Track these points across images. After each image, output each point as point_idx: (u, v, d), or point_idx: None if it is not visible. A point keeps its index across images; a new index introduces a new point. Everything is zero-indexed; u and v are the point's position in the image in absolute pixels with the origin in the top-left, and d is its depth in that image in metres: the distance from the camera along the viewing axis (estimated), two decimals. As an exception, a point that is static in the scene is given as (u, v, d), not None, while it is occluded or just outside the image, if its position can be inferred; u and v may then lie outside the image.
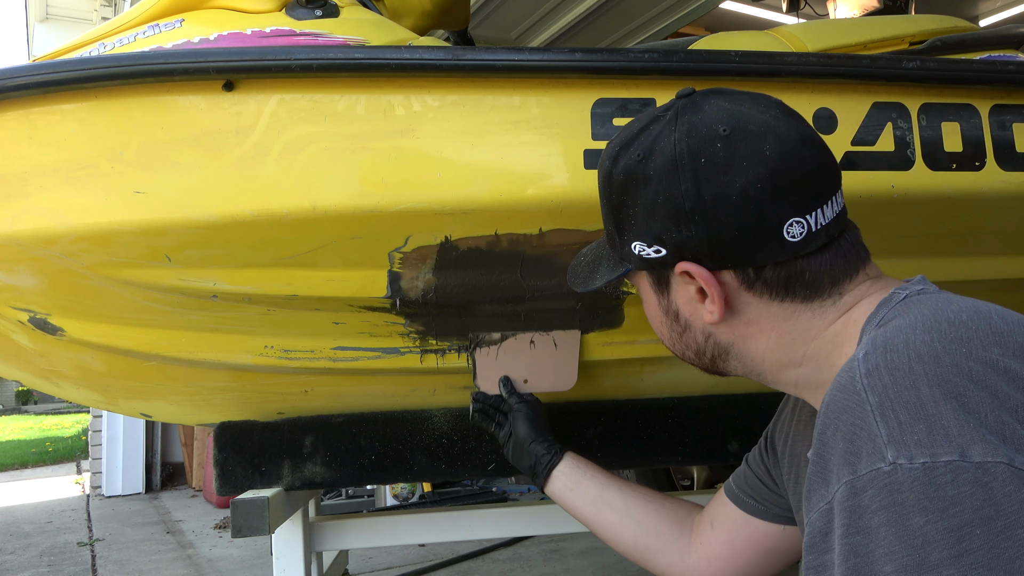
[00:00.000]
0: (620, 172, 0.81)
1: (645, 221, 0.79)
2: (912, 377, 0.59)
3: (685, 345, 0.87)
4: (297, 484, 1.63)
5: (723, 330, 0.82)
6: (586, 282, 0.93)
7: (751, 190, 0.74)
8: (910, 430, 0.57)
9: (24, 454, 9.02)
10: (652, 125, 0.80)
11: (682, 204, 0.76)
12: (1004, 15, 6.53)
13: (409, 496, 4.28)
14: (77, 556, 3.76)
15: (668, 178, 0.76)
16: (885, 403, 0.59)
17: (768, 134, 0.75)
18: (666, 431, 1.67)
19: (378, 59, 1.12)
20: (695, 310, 0.82)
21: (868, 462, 0.58)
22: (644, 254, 0.81)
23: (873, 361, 0.62)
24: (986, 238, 1.34)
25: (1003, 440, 0.56)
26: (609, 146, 0.85)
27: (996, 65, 1.27)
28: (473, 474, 1.69)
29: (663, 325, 0.88)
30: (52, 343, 1.43)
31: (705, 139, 0.76)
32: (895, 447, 0.57)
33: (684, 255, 0.78)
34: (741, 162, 0.74)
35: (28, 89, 1.12)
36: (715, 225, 0.75)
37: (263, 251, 1.18)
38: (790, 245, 0.75)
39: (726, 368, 0.86)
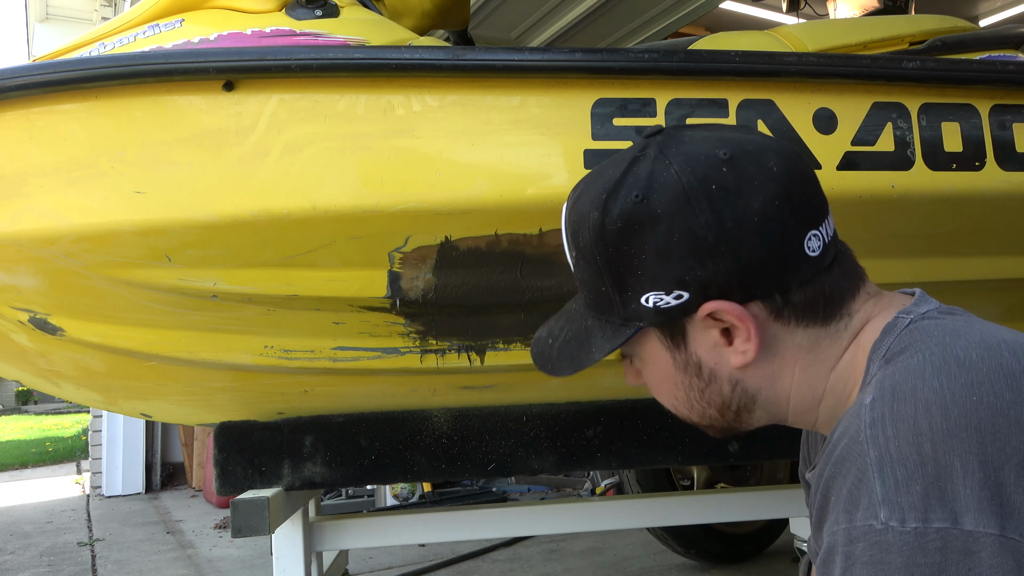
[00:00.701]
0: (616, 219, 0.73)
1: (659, 267, 0.72)
2: (916, 432, 0.59)
3: (707, 403, 0.78)
4: (297, 484, 1.63)
5: (751, 373, 0.75)
6: (576, 362, 0.81)
7: (770, 208, 0.70)
8: (905, 491, 0.57)
9: (24, 454, 9.02)
10: (635, 166, 0.74)
11: (704, 237, 0.70)
12: (1004, 15, 6.53)
13: (409, 496, 4.28)
14: (77, 556, 3.76)
15: (682, 212, 0.70)
16: (884, 458, 0.59)
17: (767, 151, 0.73)
18: (666, 431, 1.66)
19: (378, 59, 1.12)
20: (720, 356, 0.75)
21: (863, 516, 0.58)
22: (662, 305, 0.73)
23: (879, 410, 0.62)
24: (986, 238, 1.34)
25: (1000, 505, 0.56)
26: (584, 198, 0.77)
27: (996, 65, 1.27)
28: (473, 474, 1.69)
29: (679, 386, 0.79)
30: (52, 343, 1.43)
31: (709, 166, 0.71)
32: (888, 507, 0.57)
33: (710, 294, 0.71)
34: (752, 182, 0.71)
35: (28, 89, 1.12)
36: (743, 252, 0.70)
37: (263, 251, 1.18)
38: (812, 261, 0.72)
39: (750, 420, 0.79)
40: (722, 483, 2.92)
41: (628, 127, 1.14)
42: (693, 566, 3.04)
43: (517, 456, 1.67)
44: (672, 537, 2.87)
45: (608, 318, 0.78)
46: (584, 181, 0.80)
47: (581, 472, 4.46)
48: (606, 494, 3.86)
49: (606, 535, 3.52)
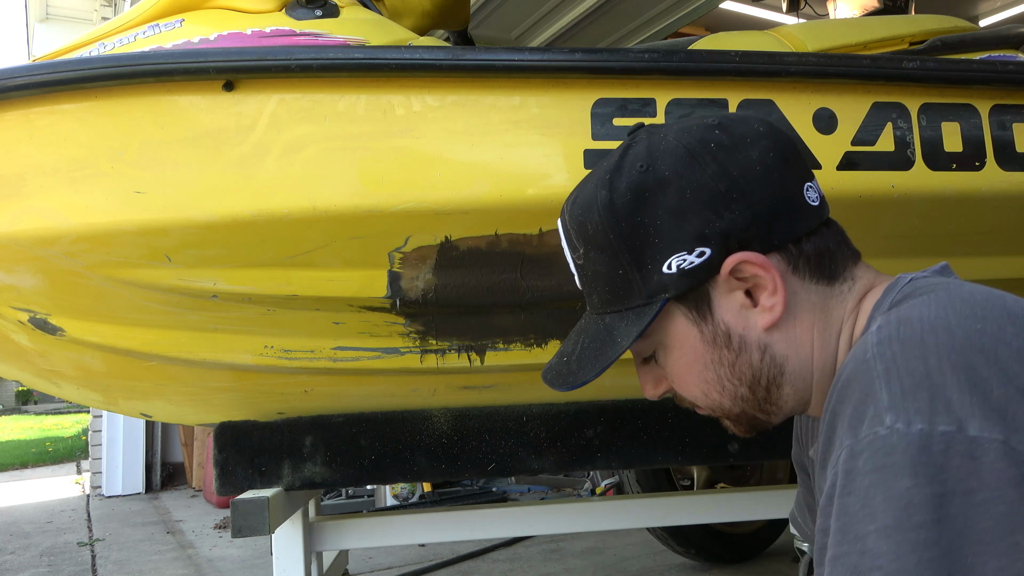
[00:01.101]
0: (625, 192, 0.74)
1: (676, 228, 0.73)
2: (922, 347, 0.60)
3: (737, 379, 0.77)
4: (297, 484, 1.63)
5: (778, 338, 0.75)
6: (600, 360, 0.79)
7: (767, 159, 0.74)
8: (912, 397, 0.58)
9: (24, 454, 9.02)
10: (630, 150, 0.77)
11: (715, 187, 0.72)
12: (1004, 15, 6.53)
13: (409, 496, 4.28)
14: (77, 556, 3.76)
15: (689, 169, 0.73)
16: (891, 369, 0.60)
17: (749, 118, 0.78)
18: (666, 431, 1.67)
19: (378, 59, 1.12)
20: (747, 320, 0.75)
21: (868, 426, 0.59)
22: (686, 266, 0.73)
23: (885, 332, 0.63)
24: (986, 238, 1.34)
25: (1004, 418, 0.56)
26: (584, 192, 0.78)
27: (996, 65, 1.27)
28: (473, 474, 1.69)
29: (709, 365, 0.77)
30: (52, 343, 1.43)
31: (702, 130, 0.75)
32: (894, 412, 0.58)
33: (731, 245, 0.72)
34: (745, 139, 0.74)
35: (28, 89, 1.12)
36: (754, 198, 0.72)
37: (263, 251, 1.18)
38: (815, 210, 0.75)
39: (779, 402, 0.77)
40: (722, 483, 2.92)
41: (628, 127, 1.14)
42: (693, 566, 3.04)
43: (517, 456, 1.67)
44: (672, 537, 2.87)
45: (629, 304, 0.77)
46: (577, 188, 0.82)
47: (581, 472, 4.46)
48: (606, 494, 3.86)
49: (606, 535, 3.52)
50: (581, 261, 0.80)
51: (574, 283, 1.21)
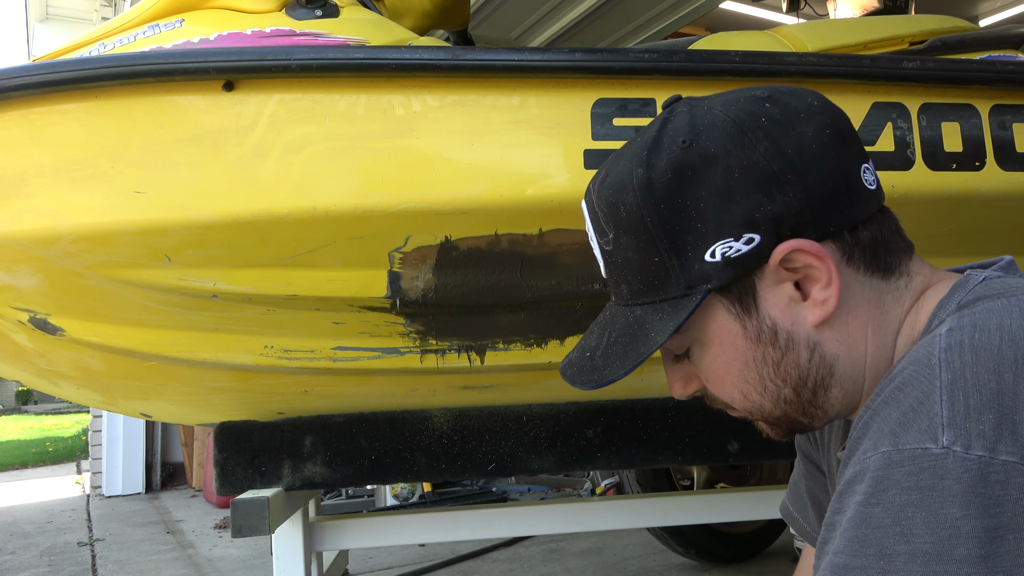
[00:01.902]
0: (665, 171, 0.66)
1: (722, 211, 0.65)
2: (999, 361, 0.54)
3: (783, 379, 0.69)
4: (297, 484, 1.63)
5: (828, 335, 0.68)
6: (630, 356, 0.71)
7: (823, 136, 0.66)
8: (976, 417, 0.52)
9: (24, 454, 9.02)
10: (668, 124, 0.69)
11: (767, 166, 0.64)
12: (1004, 15, 6.53)
13: (409, 496, 4.28)
14: (77, 556, 3.76)
15: (738, 146, 0.65)
16: (958, 381, 0.54)
17: (801, 91, 0.69)
18: (666, 431, 1.67)
19: (378, 59, 1.12)
20: (796, 315, 0.67)
21: (916, 439, 0.53)
22: (732, 254, 0.65)
23: (957, 337, 0.57)
24: (986, 238, 1.34)
25: None
26: (616, 169, 0.70)
27: (996, 65, 1.27)
28: (473, 474, 1.69)
29: (750, 365, 0.70)
30: (52, 343, 1.43)
31: (751, 103, 0.67)
32: (953, 431, 0.52)
33: (783, 231, 0.65)
34: (799, 114, 0.67)
35: (28, 89, 1.12)
36: (809, 179, 0.65)
37: (263, 251, 1.18)
38: (872, 194, 0.68)
39: (825, 402, 0.70)
40: (722, 483, 2.92)
41: (628, 127, 1.14)
42: (693, 566, 3.04)
43: (517, 456, 1.67)
44: (672, 537, 2.87)
45: (664, 295, 0.69)
46: (604, 166, 0.74)
47: (581, 472, 4.46)
48: (606, 494, 3.86)
49: (606, 535, 3.52)
50: (610, 247, 0.72)
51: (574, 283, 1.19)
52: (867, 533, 0.53)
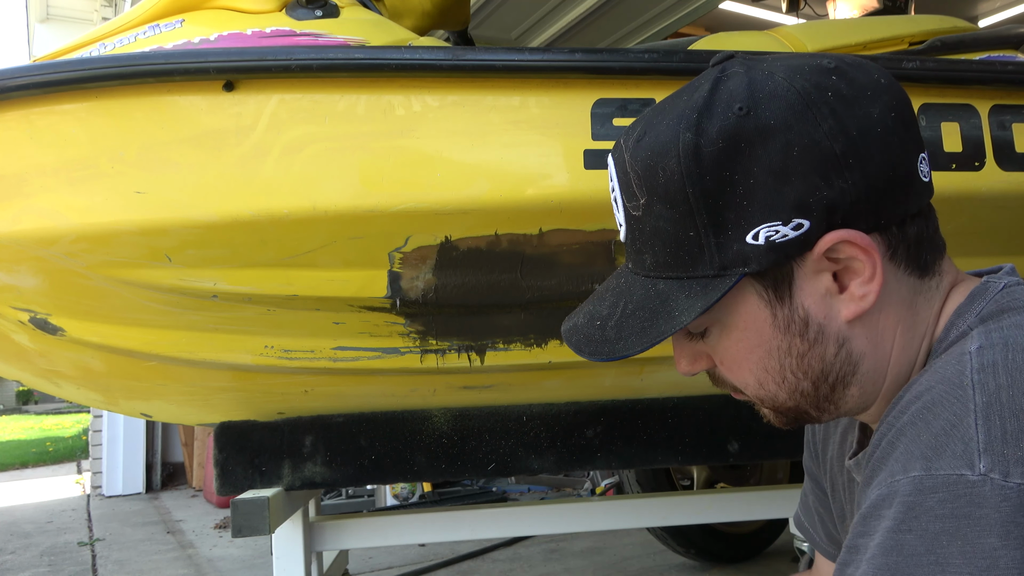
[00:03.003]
0: (717, 139, 0.60)
1: (774, 191, 0.60)
2: None
3: (804, 372, 0.66)
4: (297, 484, 1.63)
5: (859, 332, 0.64)
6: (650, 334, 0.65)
7: (888, 120, 0.61)
8: (1014, 443, 0.50)
9: (24, 454, 9.02)
10: (722, 85, 0.63)
11: (829, 148, 0.59)
12: (1004, 15, 6.53)
13: (409, 496, 4.28)
14: (77, 556, 3.76)
15: (801, 121, 0.59)
16: (994, 405, 0.52)
17: (868, 65, 0.64)
18: (666, 431, 1.66)
19: (378, 59, 1.12)
20: (830, 308, 0.63)
21: (950, 464, 0.51)
22: (777, 238, 0.60)
23: (990, 357, 0.55)
24: (986, 238, 1.34)
25: None
26: (659, 128, 0.63)
27: (996, 65, 1.27)
28: (473, 474, 1.69)
29: (773, 354, 0.66)
30: (52, 343, 1.43)
31: (817, 73, 0.61)
32: (991, 458, 0.50)
33: (834, 220, 0.60)
34: (866, 92, 0.61)
35: (28, 89, 1.12)
36: (872, 166, 0.60)
37: (263, 251, 1.18)
38: (925, 187, 0.64)
39: (840, 402, 0.67)
40: (722, 483, 2.92)
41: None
42: (693, 566, 3.04)
43: (517, 456, 1.67)
44: (672, 537, 2.87)
45: (693, 273, 0.64)
46: (644, 119, 0.66)
47: (581, 472, 4.46)
48: (606, 494, 3.86)
49: (606, 535, 3.52)
50: (639, 213, 0.65)
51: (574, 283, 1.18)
52: (898, 561, 0.51)
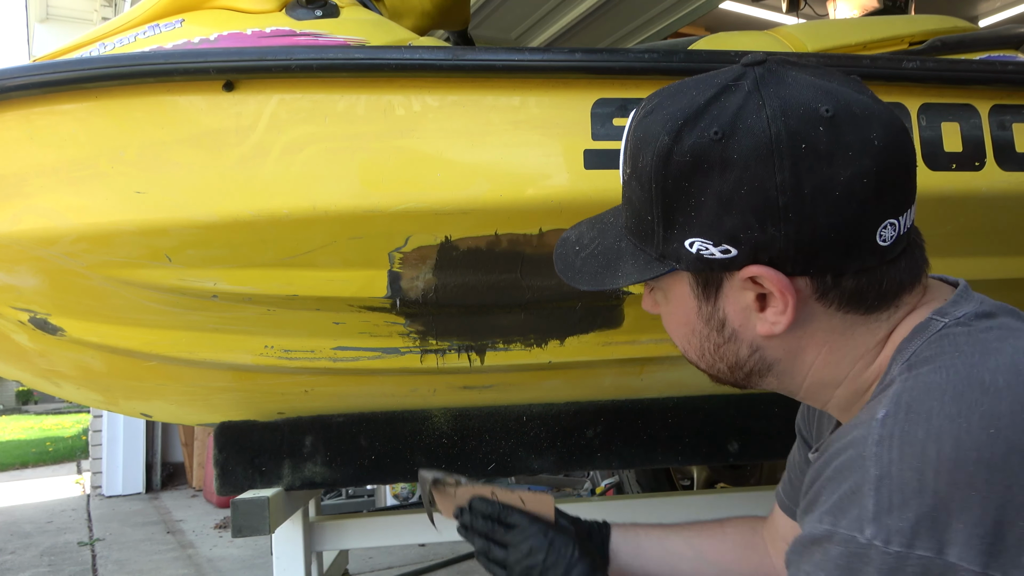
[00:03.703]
0: (686, 152, 0.65)
1: (715, 215, 0.65)
2: (922, 460, 0.57)
3: (719, 357, 0.75)
4: (297, 484, 1.63)
5: (775, 344, 0.71)
6: (598, 279, 0.76)
7: (856, 185, 0.63)
8: (897, 515, 0.56)
9: (24, 454, 9.02)
10: (724, 96, 0.66)
11: (775, 198, 0.63)
12: (1004, 15, 6.53)
13: (409, 496, 4.28)
14: (77, 556, 3.76)
15: (759, 165, 0.63)
16: (884, 479, 0.58)
17: (873, 120, 0.65)
18: (666, 431, 1.66)
19: (378, 59, 1.12)
20: (747, 320, 0.70)
21: (848, 525, 0.59)
22: (705, 253, 0.67)
23: (889, 428, 0.60)
24: (986, 238, 1.34)
25: (991, 543, 0.55)
26: (657, 116, 0.69)
27: (996, 65, 1.27)
28: (473, 474, 1.69)
29: (695, 335, 0.75)
30: (52, 343, 1.43)
31: (805, 120, 0.63)
32: (875, 526, 0.57)
33: (760, 258, 0.66)
34: (847, 151, 0.63)
35: (28, 89, 1.12)
36: (809, 225, 0.63)
37: (263, 251, 1.18)
38: (879, 250, 0.66)
39: (758, 383, 0.76)
40: (722, 483, 2.92)
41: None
42: (693, 566, 3.03)
43: (517, 456, 1.67)
44: (672, 537, 2.86)
45: (644, 247, 0.73)
46: (661, 95, 0.72)
47: (581, 472, 4.46)
48: (606, 494, 3.86)
49: (606, 535, 3.51)
50: (625, 179, 0.74)
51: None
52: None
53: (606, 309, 1.39)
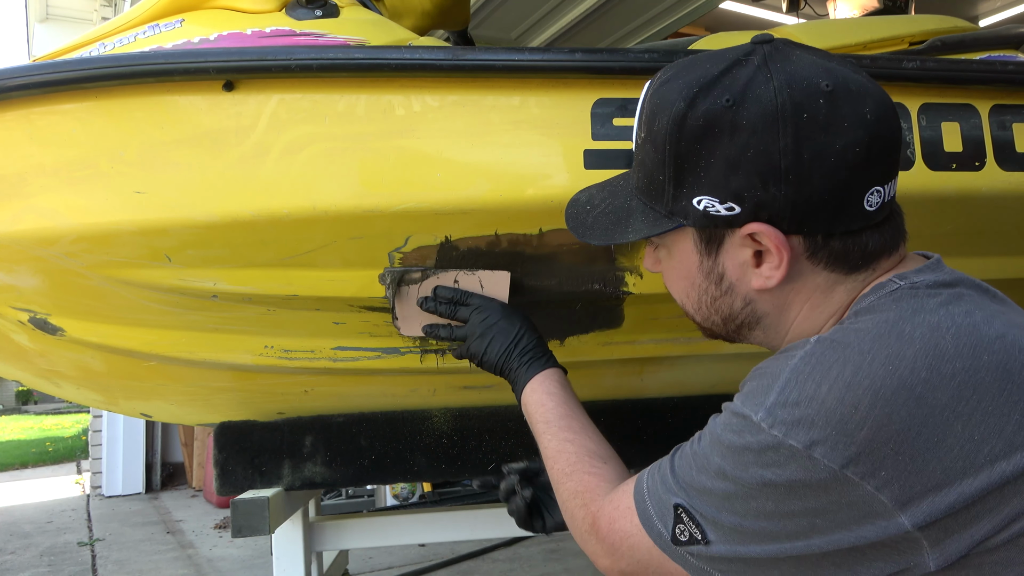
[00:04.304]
0: (699, 116, 0.73)
1: (723, 175, 0.73)
2: (824, 377, 0.66)
3: (714, 310, 0.83)
4: (297, 484, 1.63)
5: (766, 298, 0.79)
6: (609, 234, 0.85)
7: (849, 154, 0.71)
8: (788, 411, 0.66)
9: (24, 454, 9.02)
10: (735, 69, 0.74)
11: (777, 161, 0.71)
12: (1004, 15, 6.53)
13: (409, 496, 4.28)
14: (77, 556, 3.76)
15: (765, 130, 0.71)
16: (790, 382, 0.68)
17: (867, 96, 0.73)
18: (666, 431, 1.66)
19: (378, 59, 1.12)
20: (744, 275, 0.79)
21: (749, 407, 0.70)
22: (711, 210, 0.75)
23: (812, 349, 0.69)
24: (986, 238, 1.34)
25: (857, 454, 0.63)
26: (673, 84, 0.76)
27: (996, 65, 1.27)
28: (473, 474, 1.69)
29: (694, 288, 0.83)
30: (52, 343, 1.43)
31: (808, 93, 0.71)
32: (767, 412, 0.67)
33: (760, 216, 0.74)
34: (842, 123, 0.71)
35: (28, 89, 1.12)
36: (807, 187, 0.71)
37: (263, 251, 1.18)
38: (865, 214, 0.74)
39: (747, 337, 0.85)
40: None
41: (628, 127, 1.14)
42: (693, 566, 3.03)
43: (517, 456, 1.66)
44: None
45: (654, 206, 0.81)
46: (675, 67, 0.79)
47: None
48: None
49: (606, 535, 3.51)
50: (639, 141, 0.82)
51: (574, 283, 1.20)
52: (696, 449, 0.76)
53: (606, 309, 1.39)
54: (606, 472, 0.92)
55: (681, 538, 0.73)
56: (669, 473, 0.78)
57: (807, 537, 0.67)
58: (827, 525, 0.66)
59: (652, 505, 0.77)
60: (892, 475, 0.63)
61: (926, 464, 0.63)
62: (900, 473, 0.63)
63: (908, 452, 0.63)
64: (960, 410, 0.63)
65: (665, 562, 0.76)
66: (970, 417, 0.63)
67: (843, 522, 0.65)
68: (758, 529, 0.69)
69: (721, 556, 0.71)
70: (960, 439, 0.63)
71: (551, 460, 0.97)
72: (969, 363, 0.64)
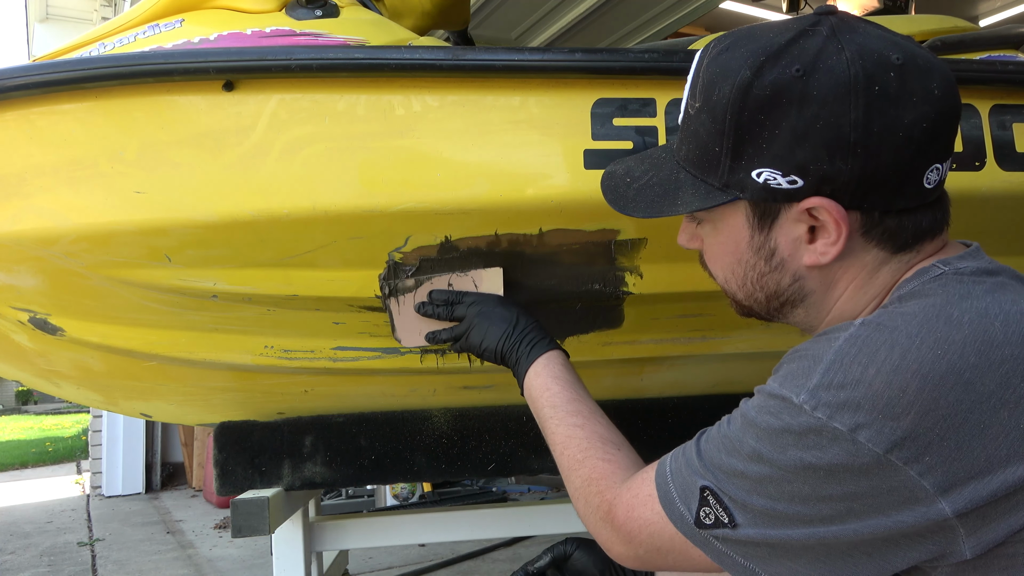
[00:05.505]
0: (766, 86, 0.71)
1: (788, 147, 0.71)
2: (871, 359, 0.65)
3: (760, 287, 0.81)
4: (297, 484, 1.63)
5: (815, 275, 0.77)
6: (655, 207, 0.81)
7: (916, 130, 0.70)
8: (832, 393, 0.65)
9: (24, 454, 9.02)
10: (803, 39, 0.72)
11: (847, 134, 0.69)
12: (1004, 15, 6.53)
13: (409, 496, 4.28)
14: (77, 556, 3.76)
15: (836, 102, 0.69)
16: (835, 363, 0.66)
17: (935, 71, 0.72)
18: (667, 431, 1.66)
19: (378, 59, 1.12)
20: (796, 251, 0.77)
21: (789, 388, 0.68)
22: (772, 183, 0.73)
23: (857, 331, 0.68)
24: (986, 238, 1.34)
25: (902, 439, 0.62)
26: (735, 52, 0.74)
27: (996, 65, 1.27)
28: (473, 474, 1.69)
29: (741, 263, 0.81)
30: (52, 343, 1.43)
31: (879, 65, 0.69)
32: (810, 395, 0.66)
33: (823, 190, 0.71)
34: (911, 97, 0.69)
35: (28, 89, 1.12)
36: (873, 162, 0.70)
37: (263, 251, 1.18)
38: (923, 192, 0.72)
39: (787, 316, 0.83)
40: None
41: (628, 127, 1.14)
42: (693, 566, 3.03)
43: (517, 456, 1.67)
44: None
45: (706, 178, 0.78)
46: (733, 36, 0.77)
47: (581, 472, 4.45)
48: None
49: (606, 535, 3.51)
50: (692, 112, 0.79)
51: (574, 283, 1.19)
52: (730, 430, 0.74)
53: (606, 309, 1.39)
54: (620, 459, 0.90)
55: (706, 521, 0.72)
56: (695, 456, 0.76)
57: (842, 522, 0.66)
58: (864, 510, 0.65)
59: (675, 488, 0.76)
60: (936, 461, 0.62)
61: (971, 451, 0.62)
62: (944, 459, 0.62)
63: (953, 438, 0.62)
64: (1007, 397, 0.62)
65: (687, 547, 0.75)
66: (1016, 404, 0.62)
67: (881, 507, 0.64)
68: (792, 513, 0.67)
69: (748, 540, 0.70)
70: (1006, 426, 0.62)
71: (560, 446, 0.95)
72: (1018, 350, 0.64)
